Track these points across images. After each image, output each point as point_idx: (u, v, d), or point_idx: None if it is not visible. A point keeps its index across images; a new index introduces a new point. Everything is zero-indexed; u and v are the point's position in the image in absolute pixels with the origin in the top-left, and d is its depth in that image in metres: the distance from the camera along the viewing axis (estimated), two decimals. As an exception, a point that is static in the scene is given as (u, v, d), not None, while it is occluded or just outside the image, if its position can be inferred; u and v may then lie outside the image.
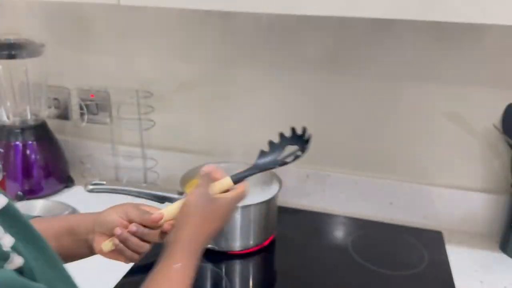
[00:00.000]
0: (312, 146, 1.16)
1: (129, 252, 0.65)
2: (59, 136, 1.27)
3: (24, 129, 1.17)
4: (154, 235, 0.65)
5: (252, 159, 1.18)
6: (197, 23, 1.13)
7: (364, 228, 1.11)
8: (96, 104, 1.26)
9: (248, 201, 1.02)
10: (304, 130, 0.74)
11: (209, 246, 0.98)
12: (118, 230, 0.63)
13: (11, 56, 1.11)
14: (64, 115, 1.32)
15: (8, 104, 1.18)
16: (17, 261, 0.41)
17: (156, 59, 1.19)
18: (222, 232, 0.96)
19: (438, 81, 1.04)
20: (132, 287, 0.86)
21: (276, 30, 1.09)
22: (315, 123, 1.14)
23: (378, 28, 1.03)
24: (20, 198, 1.15)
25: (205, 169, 0.66)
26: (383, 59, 1.05)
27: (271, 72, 1.13)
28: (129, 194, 0.99)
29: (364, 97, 1.09)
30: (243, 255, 0.98)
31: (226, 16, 1.10)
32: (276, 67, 1.12)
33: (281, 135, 0.74)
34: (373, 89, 1.08)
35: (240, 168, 1.14)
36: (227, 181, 0.67)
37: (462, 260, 0.99)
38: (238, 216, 0.96)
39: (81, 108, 1.27)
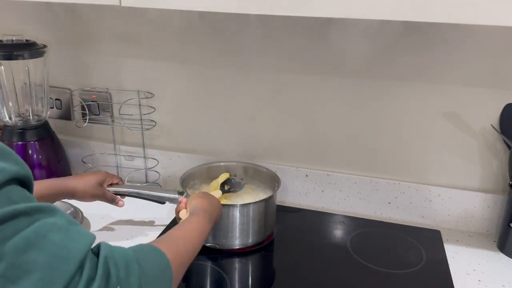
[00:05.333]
0: (312, 146, 1.18)
1: None
2: (61, 137, 1.28)
3: (26, 129, 1.18)
4: None
5: (251, 159, 1.20)
6: (198, 24, 1.14)
7: (363, 227, 1.12)
8: (98, 105, 1.27)
9: (247, 200, 1.03)
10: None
11: (209, 244, 0.99)
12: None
13: (13, 57, 1.12)
14: (66, 116, 1.33)
15: (10, 104, 1.19)
16: None
17: (157, 60, 1.20)
18: (222, 231, 0.97)
19: (436, 81, 1.04)
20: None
21: (273, 31, 1.10)
22: (314, 123, 1.16)
23: (377, 29, 1.03)
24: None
25: None
26: (382, 60, 1.06)
27: (271, 73, 1.14)
28: (130, 195, 1.00)
29: (363, 97, 1.10)
30: (242, 253, 0.99)
31: (226, 17, 1.11)
32: (276, 68, 1.13)
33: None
34: (372, 89, 1.09)
35: (239, 168, 1.16)
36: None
37: (460, 259, 1.00)
38: (237, 215, 0.97)
39: (82, 109, 1.29)
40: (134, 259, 0.51)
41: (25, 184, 0.47)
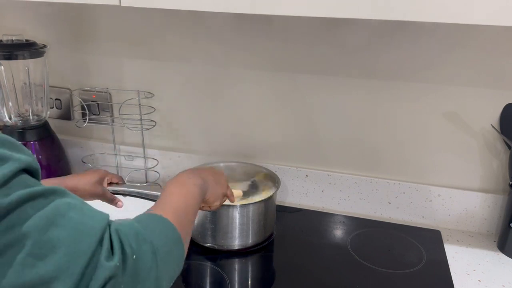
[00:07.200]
0: (312, 146, 1.18)
1: None
2: (60, 136, 1.28)
3: (26, 129, 1.18)
4: None
5: (250, 159, 1.20)
6: (198, 24, 1.14)
7: (363, 227, 1.12)
8: (98, 105, 1.27)
9: (247, 200, 1.03)
10: None
11: (209, 245, 0.99)
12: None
13: (13, 57, 1.12)
14: (66, 116, 1.33)
15: (10, 104, 1.19)
16: None
17: (157, 60, 1.20)
18: (221, 231, 0.97)
19: (436, 81, 1.04)
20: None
21: (274, 31, 1.09)
22: (314, 123, 1.16)
23: (377, 29, 1.03)
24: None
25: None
26: (382, 60, 1.06)
27: (270, 73, 1.13)
28: (129, 194, 1.00)
29: (363, 97, 1.10)
30: (242, 254, 0.99)
31: (226, 17, 1.11)
32: (276, 68, 1.13)
33: None
34: (372, 89, 1.09)
35: (239, 168, 1.16)
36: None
37: (460, 259, 1.00)
38: (237, 215, 0.97)
39: (82, 109, 1.29)
40: (141, 229, 0.53)
41: (35, 176, 0.49)
